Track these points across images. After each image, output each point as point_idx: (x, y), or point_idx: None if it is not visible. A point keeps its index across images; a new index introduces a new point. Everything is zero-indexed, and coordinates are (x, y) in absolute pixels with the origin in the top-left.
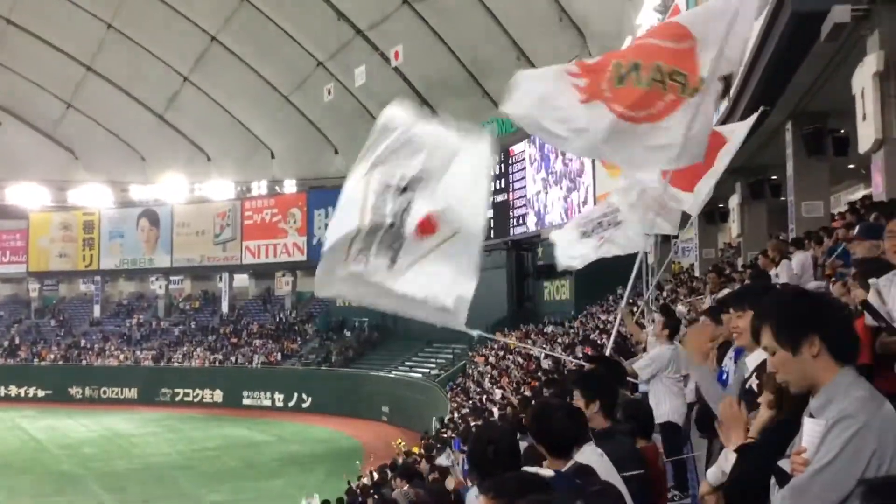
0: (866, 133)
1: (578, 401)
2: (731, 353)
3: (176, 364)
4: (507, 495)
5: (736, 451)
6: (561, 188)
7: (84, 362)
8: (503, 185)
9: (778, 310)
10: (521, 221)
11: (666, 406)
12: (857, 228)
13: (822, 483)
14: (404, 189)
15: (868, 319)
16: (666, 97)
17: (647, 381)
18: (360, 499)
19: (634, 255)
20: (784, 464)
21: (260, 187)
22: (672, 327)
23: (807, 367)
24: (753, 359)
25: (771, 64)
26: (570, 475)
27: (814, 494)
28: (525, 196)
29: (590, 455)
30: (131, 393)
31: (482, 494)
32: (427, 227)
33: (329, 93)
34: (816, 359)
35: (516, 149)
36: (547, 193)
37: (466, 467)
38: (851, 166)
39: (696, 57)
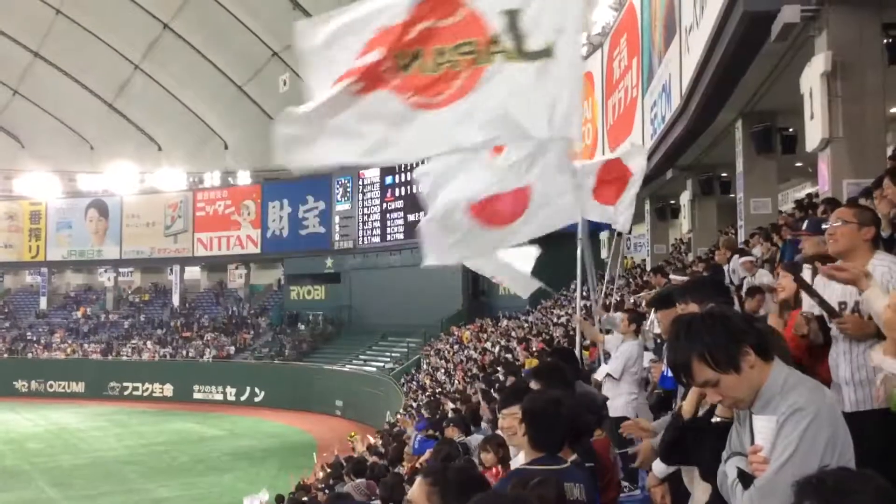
0: (814, 132)
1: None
2: None
3: (125, 357)
4: (441, 484)
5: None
6: None
7: (30, 355)
8: None
9: (704, 341)
10: None
11: (621, 400)
12: (804, 224)
13: (786, 477)
14: None
15: (807, 309)
16: (463, 74)
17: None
18: (310, 494)
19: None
20: (739, 462)
21: (213, 178)
22: (637, 321)
23: (752, 379)
24: None
25: (722, 63)
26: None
27: (780, 490)
28: None
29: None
30: (78, 387)
31: (421, 477)
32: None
33: (284, 83)
34: (753, 368)
35: None
36: None
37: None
38: (799, 164)
39: (478, 20)
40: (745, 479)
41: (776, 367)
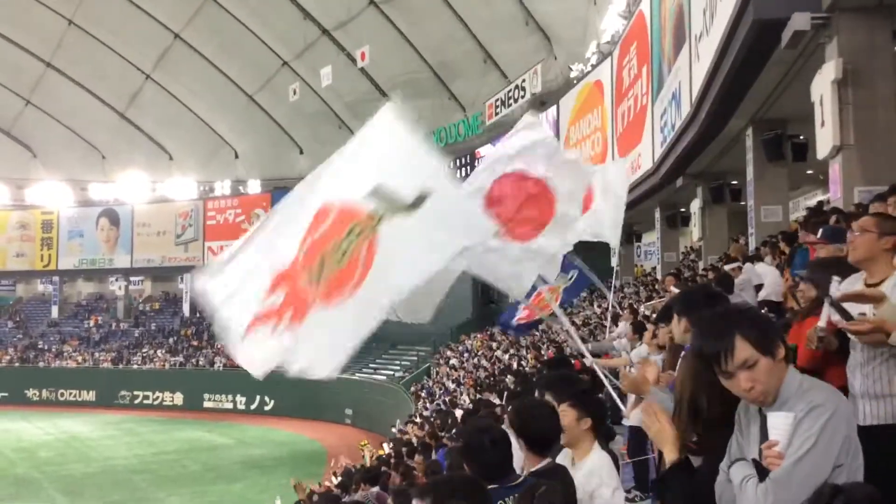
0: (824, 139)
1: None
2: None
3: (135, 366)
4: (442, 499)
5: (671, 468)
6: None
7: (41, 364)
8: None
9: (748, 321)
10: None
11: (638, 412)
12: (820, 232)
13: (804, 471)
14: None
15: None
16: (363, 248)
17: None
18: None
19: (595, 261)
20: (744, 466)
21: (223, 187)
22: (640, 330)
23: (780, 371)
24: None
25: (732, 71)
26: (541, 474)
27: (797, 483)
28: None
29: (596, 457)
30: (89, 395)
31: (416, 499)
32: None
33: (294, 93)
34: (782, 361)
35: (483, 151)
36: None
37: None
38: (810, 172)
39: (350, 208)
40: (760, 472)
41: (791, 370)
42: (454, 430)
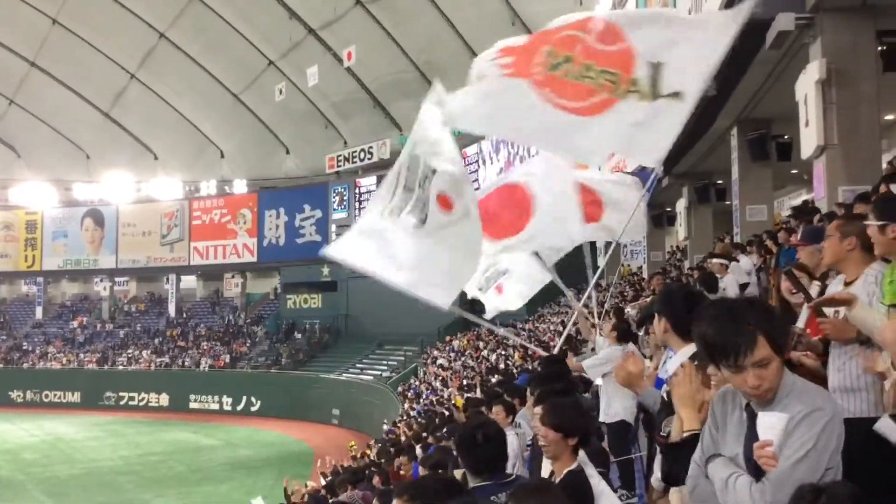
0: (809, 139)
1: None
2: (665, 356)
3: (121, 367)
4: (422, 498)
5: (687, 438)
6: None
7: (25, 365)
8: None
9: (771, 320)
10: None
11: (618, 405)
12: (799, 233)
13: (802, 472)
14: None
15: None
16: (598, 95)
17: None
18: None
19: (582, 258)
20: (725, 463)
21: (209, 187)
22: (620, 329)
23: (782, 369)
24: (674, 363)
25: (717, 71)
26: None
27: (794, 483)
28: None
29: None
30: (74, 396)
31: (396, 497)
32: (445, 202)
33: (280, 92)
34: (783, 360)
35: (469, 151)
36: None
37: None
38: (794, 171)
39: (631, 59)
40: (755, 471)
41: (785, 369)
42: (445, 429)
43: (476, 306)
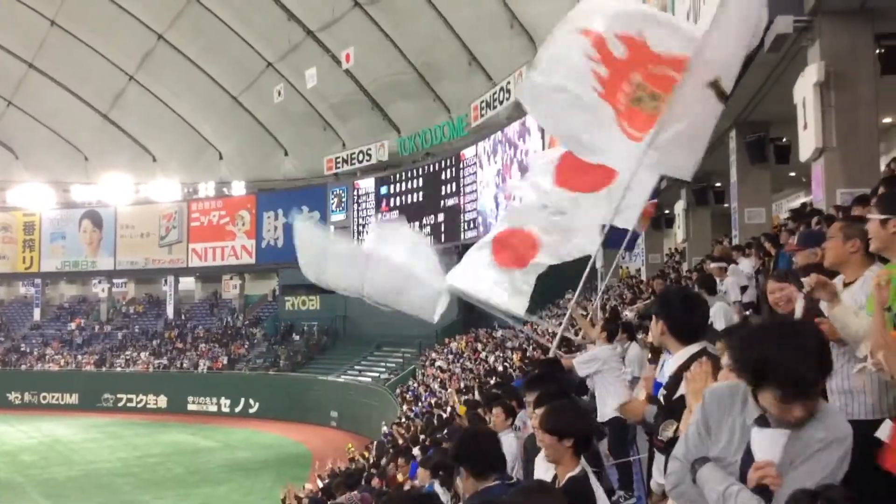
0: (807, 141)
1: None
2: (662, 359)
3: (119, 369)
4: None
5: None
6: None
7: (23, 367)
8: (454, 190)
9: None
10: (471, 226)
11: (612, 402)
12: (796, 237)
13: None
14: None
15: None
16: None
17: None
18: None
19: (583, 262)
20: (715, 471)
21: (207, 189)
22: (610, 330)
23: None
24: (670, 366)
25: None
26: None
27: None
28: (476, 200)
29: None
30: (72, 398)
31: None
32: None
33: (279, 94)
34: None
35: (467, 153)
36: (497, 201)
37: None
38: (792, 174)
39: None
40: (763, 491)
41: None
42: (445, 430)
43: (477, 308)
